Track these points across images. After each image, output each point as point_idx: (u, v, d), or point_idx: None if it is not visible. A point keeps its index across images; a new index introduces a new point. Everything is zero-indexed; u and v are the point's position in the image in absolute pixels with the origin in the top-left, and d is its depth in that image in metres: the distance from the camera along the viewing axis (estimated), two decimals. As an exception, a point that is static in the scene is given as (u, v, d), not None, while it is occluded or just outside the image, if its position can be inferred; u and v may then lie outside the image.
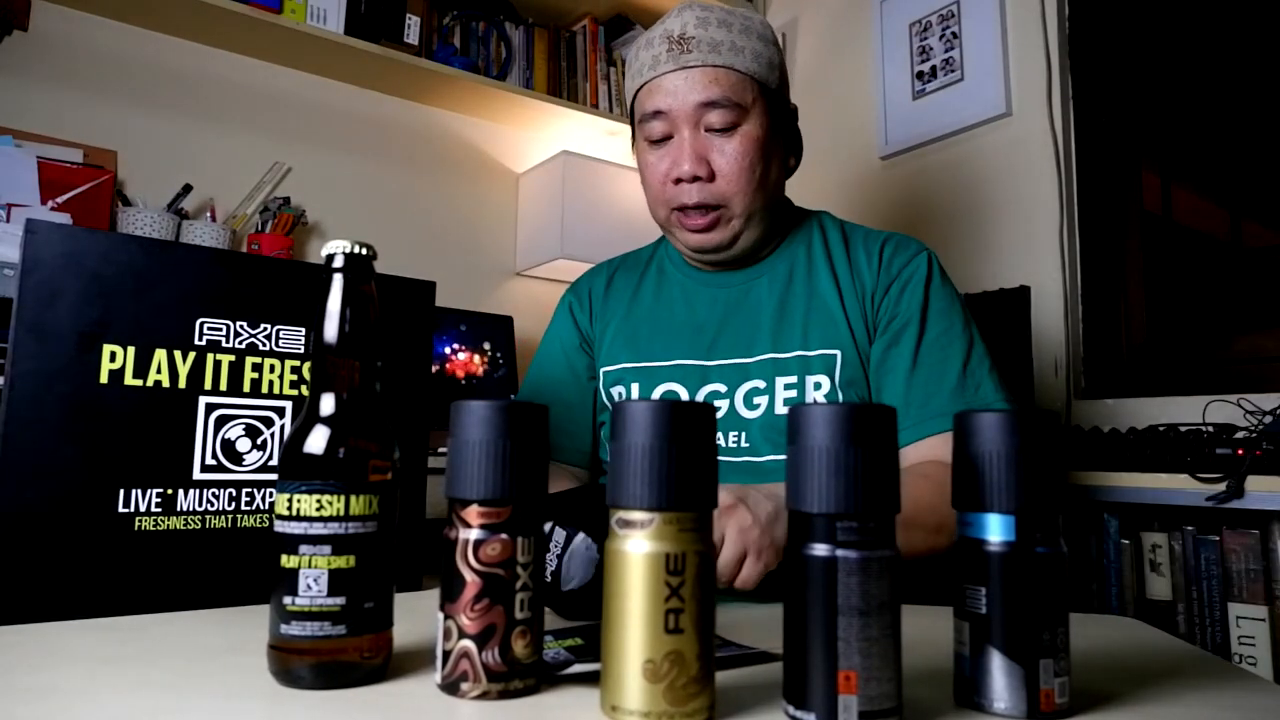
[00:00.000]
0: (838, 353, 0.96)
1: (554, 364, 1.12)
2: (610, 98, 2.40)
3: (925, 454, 0.90)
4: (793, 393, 0.95)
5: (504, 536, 0.45)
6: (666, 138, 0.98)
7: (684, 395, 1.00)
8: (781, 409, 0.95)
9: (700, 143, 0.96)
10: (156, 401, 0.69)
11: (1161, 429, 1.32)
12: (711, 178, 0.96)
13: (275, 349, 0.74)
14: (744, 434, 0.96)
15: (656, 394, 1.01)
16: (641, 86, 0.99)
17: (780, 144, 1.02)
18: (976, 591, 0.44)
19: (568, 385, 1.10)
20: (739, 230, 0.99)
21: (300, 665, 0.46)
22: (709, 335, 1.02)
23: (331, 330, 0.49)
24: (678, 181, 0.97)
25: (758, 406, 0.96)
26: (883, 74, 2.10)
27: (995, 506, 0.44)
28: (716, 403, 0.98)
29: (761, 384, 0.97)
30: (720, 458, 0.95)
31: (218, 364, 0.71)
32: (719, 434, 0.97)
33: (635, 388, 1.03)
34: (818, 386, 0.95)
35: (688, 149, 0.96)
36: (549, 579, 0.64)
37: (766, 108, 0.98)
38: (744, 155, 0.96)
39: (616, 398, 1.04)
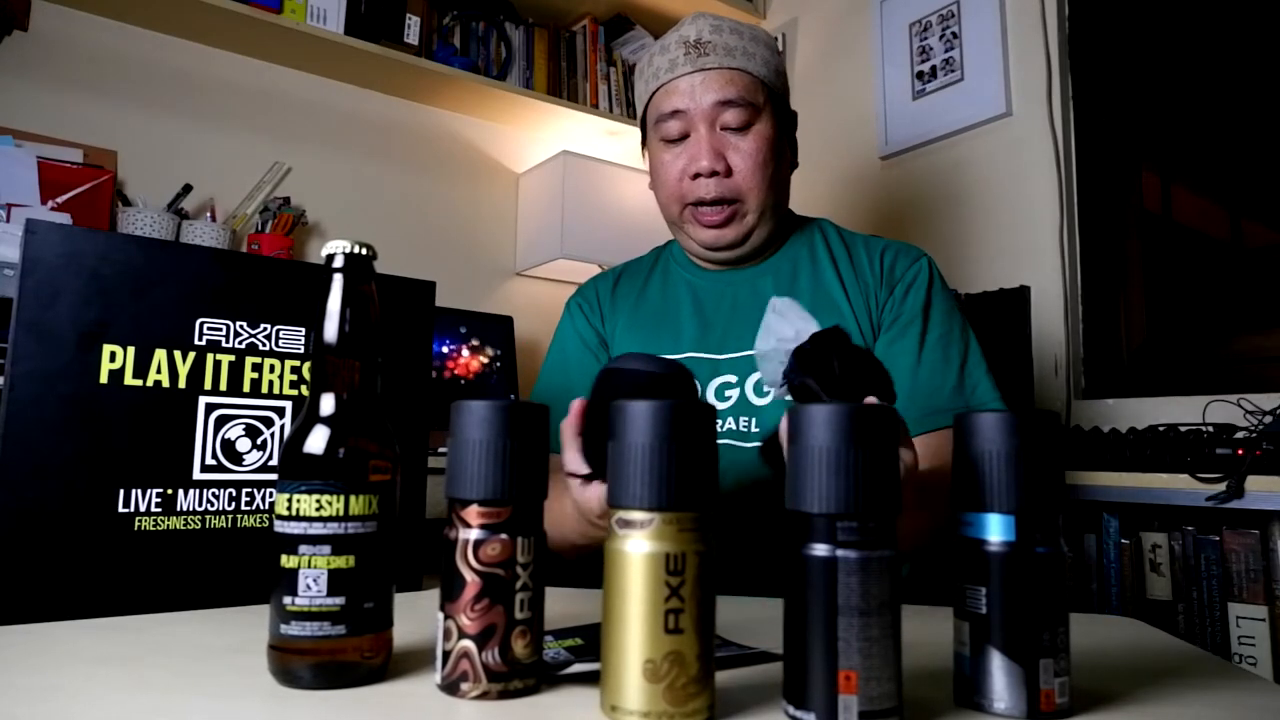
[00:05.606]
0: None
1: (573, 361, 1.12)
2: (610, 98, 2.40)
3: (930, 448, 0.90)
4: None
5: (504, 536, 0.45)
6: (683, 136, 1.02)
7: (696, 388, 1.00)
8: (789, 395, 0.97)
9: (717, 140, 1.00)
10: (156, 401, 0.69)
11: (1161, 429, 1.32)
12: (728, 173, 1.00)
13: (275, 349, 0.74)
14: (754, 419, 0.98)
15: None
16: (658, 89, 1.03)
17: (786, 146, 1.07)
18: (976, 591, 0.44)
19: (588, 382, 1.10)
20: (752, 226, 1.03)
21: (300, 665, 0.46)
22: (718, 330, 1.04)
23: (331, 330, 0.49)
24: (695, 177, 1.01)
25: (767, 394, 0.98)
26: (882, 74, 2.09)
27: (995, 506, 0.44)
28: (728, 391, 1.00)
29: None
30: (733, 442, 0.97)
31: (217, 364, 0.71)
32: (731, 419, 0.99)
33: None
34: None
35: (705, 145, 1.00)
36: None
37: (774, 110, 1.03)
38: (758, 152, 1.00)
39: None
